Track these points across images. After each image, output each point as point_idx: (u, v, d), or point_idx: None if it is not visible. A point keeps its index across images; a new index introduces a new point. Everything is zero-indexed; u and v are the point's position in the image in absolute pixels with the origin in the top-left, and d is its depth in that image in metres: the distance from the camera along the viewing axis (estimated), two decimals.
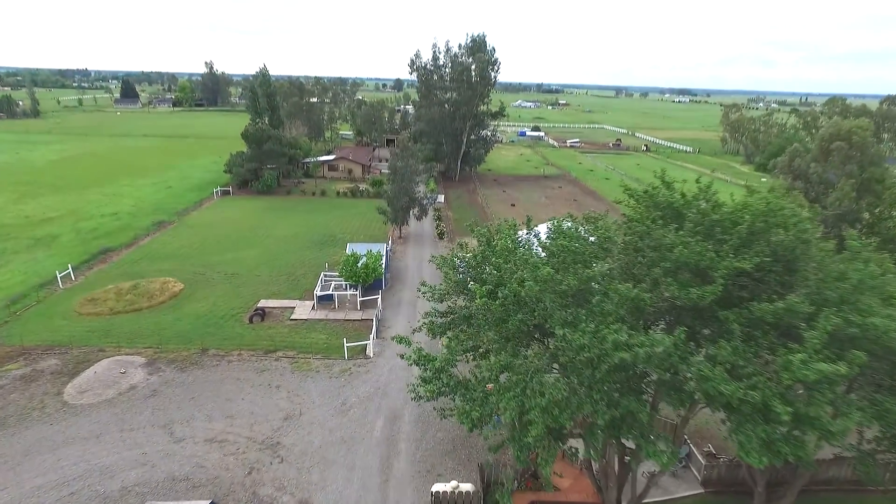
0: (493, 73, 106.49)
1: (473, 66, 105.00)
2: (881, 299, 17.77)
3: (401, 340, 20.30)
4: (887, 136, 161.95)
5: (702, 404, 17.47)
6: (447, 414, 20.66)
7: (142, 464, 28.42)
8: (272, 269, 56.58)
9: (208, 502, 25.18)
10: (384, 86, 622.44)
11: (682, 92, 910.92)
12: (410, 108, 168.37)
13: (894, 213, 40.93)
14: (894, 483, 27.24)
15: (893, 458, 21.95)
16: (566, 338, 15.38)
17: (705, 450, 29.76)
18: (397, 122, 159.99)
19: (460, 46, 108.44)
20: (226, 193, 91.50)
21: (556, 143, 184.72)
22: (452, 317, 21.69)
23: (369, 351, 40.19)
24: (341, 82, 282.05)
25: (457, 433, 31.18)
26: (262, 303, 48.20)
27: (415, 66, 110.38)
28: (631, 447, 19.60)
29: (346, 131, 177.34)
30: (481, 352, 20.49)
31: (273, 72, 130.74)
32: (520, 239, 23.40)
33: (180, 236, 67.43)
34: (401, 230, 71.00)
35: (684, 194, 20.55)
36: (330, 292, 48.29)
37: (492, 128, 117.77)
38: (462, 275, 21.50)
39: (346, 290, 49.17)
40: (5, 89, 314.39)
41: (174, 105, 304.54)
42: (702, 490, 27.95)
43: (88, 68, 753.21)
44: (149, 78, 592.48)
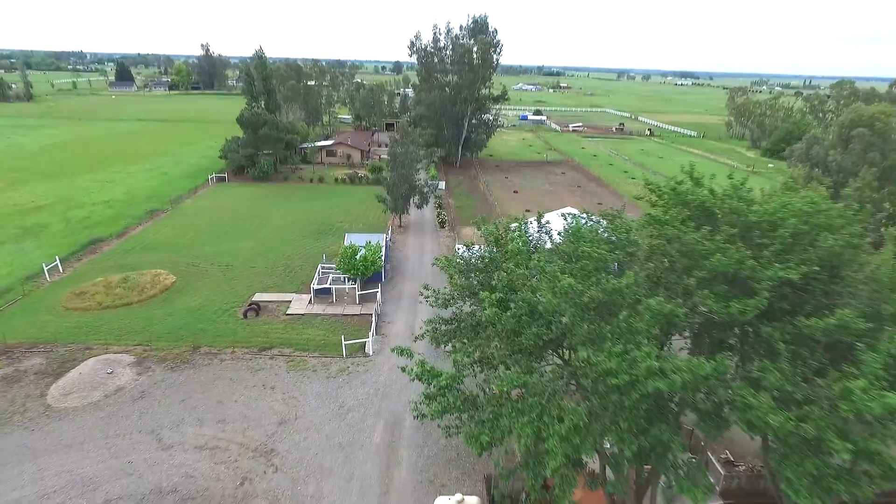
0: (495, 56, 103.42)
1: (475, 49, 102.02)
2: None
3: (402, 352, 18.49)
4: None
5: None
6: (452, 432, 18.92)
7: (128, 474, 26.82)
8: (268, 260, 54.71)
9: None
10: (383, 68, 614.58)
11: (685, 75, 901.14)
12: (410, 91, 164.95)
13: None
14: None
15: None
16: (590, 360, 13.54)
17: (722, 457, 28.19)
18: (397, 105, 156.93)
19: (461, 28, 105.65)
20: (221, 180, 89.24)
21: (558, 128, 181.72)
22: (458, 324, 19.81)
23: (368, 349, 38.49)
24: (340, 65, 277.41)
25: (461, 440, 29.48)
26: (257, 296, 46.41)
27: (415, 49, 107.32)
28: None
29: (345, 115, 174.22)
30: (492, 364, 18.69)
31: (270, 54, 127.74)
32: (531, 238, 21.46)
33: (174, 225, 65.42)
34: (401, 219, 68.98)
35: (713, 191, 18.53)
36: (328, 286, 46.47)
37: (494, 112, 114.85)
38: (468, 279, 19.52)
39: (344, 283, 47.35)
40: None
41: (170, 88, 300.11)
42: (720, 502, 26.40)
43: (84, 50, 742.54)
44: (145, 60, 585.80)
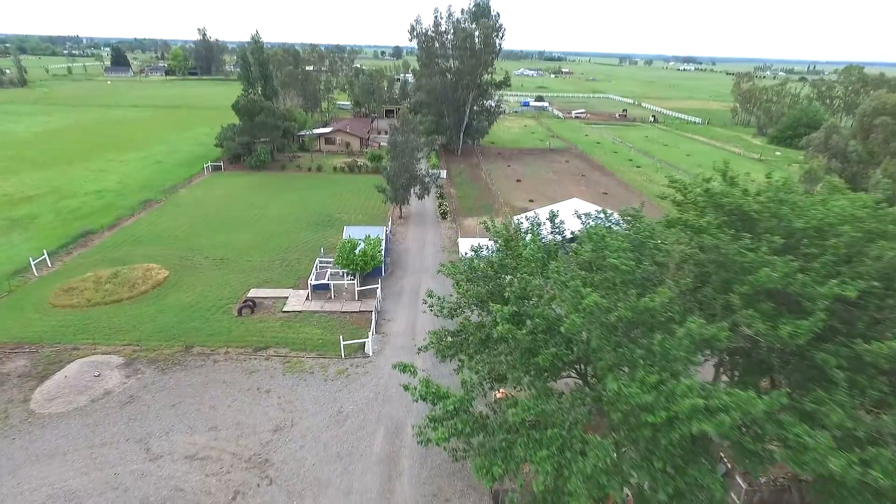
0: (497, 40, 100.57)
1: (477, 33, 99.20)
2: None
3: (404, 369, 16.78)
4: None
5: None
6: (460, 456, 17.29)
7: (113, 487, 25.31)
8: (264, 254, 52.93)
9: None
10: (383, 53, 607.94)
11: (687, 60, 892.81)
12: (410, 76, 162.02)
13: None
14: None
15: None
16: (621, 392, 11.84)
17: (742, 469, 26.66)
18: (397, 91, 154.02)
19: (463, 12, 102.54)
20: (217, 169, 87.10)
21: (560, 114, 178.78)
22: (465, 336, 18.08)
23: (368, 349, 36.87)
24: (338, 50, 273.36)
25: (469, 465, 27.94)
26: (253, 292, 44.71)
27: (415, 33, 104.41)
28: None
29: (344, 101, 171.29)
30: (503, 379, 17.00)
31: (267, 39, 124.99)
32: (543, 239, 19.65)
33: (167, 217, 63.52)
34: (401, 209, 67.06)
35: (747, 191, 16.67)
36: (326, 281, 44.74)
37: (496, 98, 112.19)
38: (476, 287, 17.74)
39: (343, 278, 45.63)
40: None
41: (167, 74, 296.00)
42: None
43: (80, 35, 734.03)
44: (142, 45, 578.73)
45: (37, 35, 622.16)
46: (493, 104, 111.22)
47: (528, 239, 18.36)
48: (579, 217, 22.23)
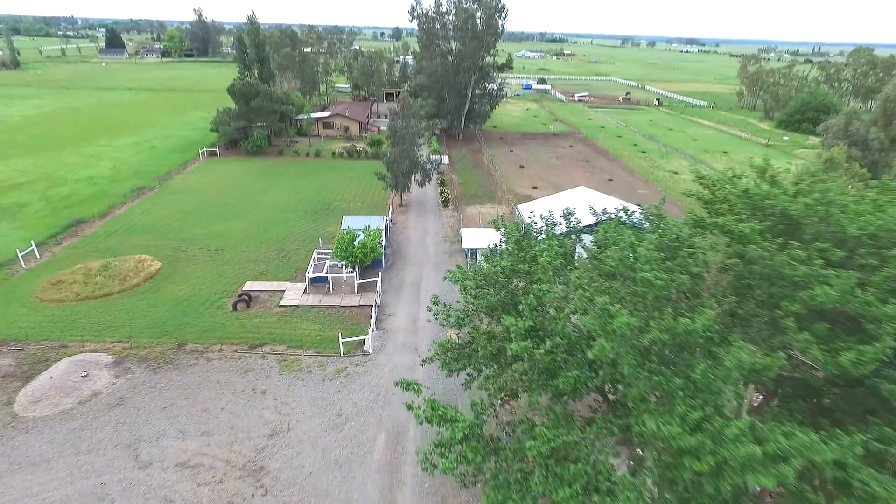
0: (500, 21, 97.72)
1: (479, 14, 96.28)
2: None
3: (407, 386, 15.27)
4: None
5: None
6: (469, 482, 15.81)
7: (99, 498, 23.98)
8: (260, 244, 51.24)
9: None
10: (382, 34, 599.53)
11: (690, 42, 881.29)
12: (410, 59, 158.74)
13: None
14: None
15: None
16: (660, 431, 10.29)
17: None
18: (396, 74, 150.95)
19: None
20: (212, 154, 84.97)
21: (563, 98, 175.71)
22: (475, 349, 16.50)
23: (368, 346, 35.39)
24: (337, 31, 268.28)
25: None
26: (248, 285, 43.15)
27: (415, 14, 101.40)
28: None
29: (343, 84, 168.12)
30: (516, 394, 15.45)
31: (263, 20, 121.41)
32: (559, 239, 17.97)
33: (161, 205, 61.68)
34: (402, 197, 65.21)
35: (787, 192, 14.94)
36: (324, 274, 43.15)
37: (499, 81, 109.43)
38: (487, 298, 16.11)
39: (341, 270, 44.04)
40: None
41: (162, 55, 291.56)
42: None
43: (75, 16, 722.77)
44: (137, 26, 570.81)
45: (31, 15, 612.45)
46: (495, 87, 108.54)
47: (542, 241, 16.62)
48: (595, 214, 20.55)
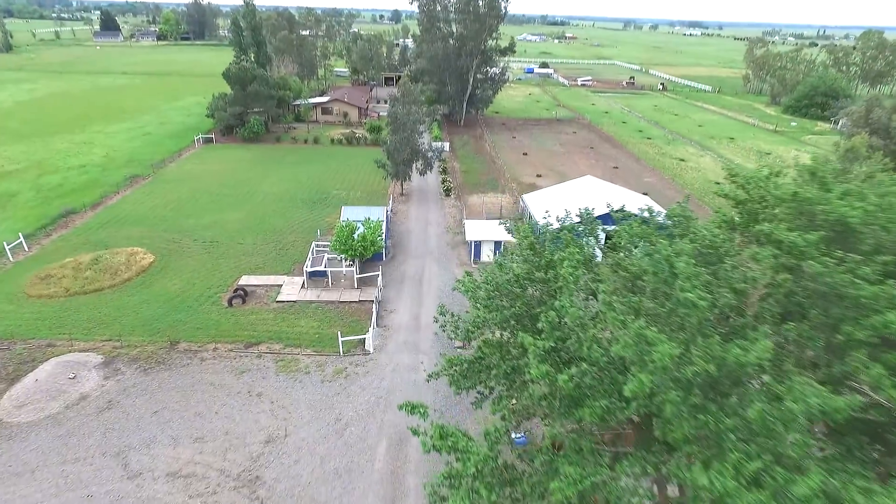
0: (502, 3, 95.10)
1: None
2: None
3: (412, 409, 13.76)
4: None
5: None
6: None
7: None
8: (257, 236, 49.62)
9: None
10: (381, 17, 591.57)
11: (693, 25, 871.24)
12: (410, 42, 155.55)
13: None
14: None
15: None
16: (713, 486, 8.83)
17: None
18: (396, 58, 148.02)
19: None
20: (208, 141, 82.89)
21: (566, 82, 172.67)
22: (486, 367, 15.00)
23: (368, 345, 33.96)
24: (335, 13, 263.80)
25: None
26: (244, 279, 41.63)
27: None
28: None
29: (341, 68, 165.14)
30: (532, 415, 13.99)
31: (260, 2, 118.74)
32: (581, 243, 16.39)
33: (155, 194, 59.91)
34: (402, 186, 63.41)
35: (846, 193, 13.29)
36: (322, 268, 41.60)
37: (501, 65, 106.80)
38: (501, 311, 14.57)
39: (341, 263, 42.50)
40: None
41: (158, 39, 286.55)
42: None
43: None
44: (133, 8, 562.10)
45: None
46: (497, 72, 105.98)
47: (559, 244, 14.98)
48: (614, 211, 18.93)
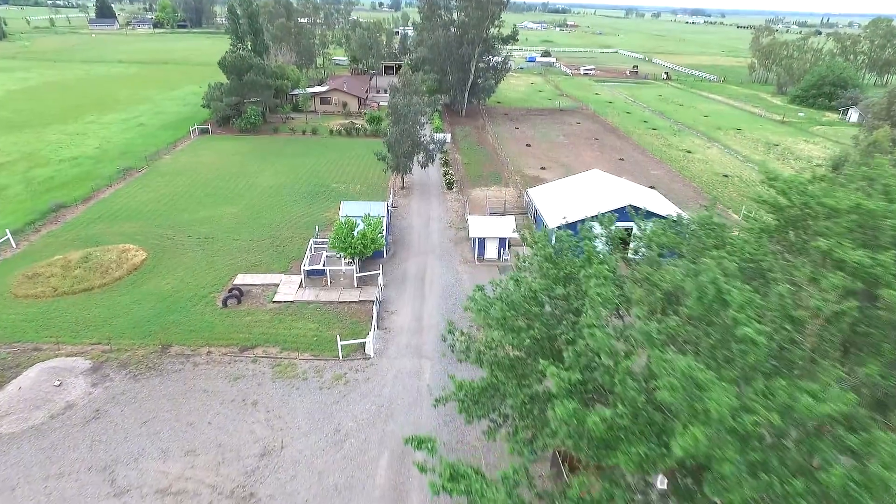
0: None
1: None
2: None
3: (419, 444, 12.28)
4: None
5: None
6: None
7: None
8: (253, 231, 48.01)
9: None
10: (381, 5, 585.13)
11: (695, 12, 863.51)
12: (411, 30, 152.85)
13: None
14: None
15: None
16: None
17: None
18: (396, 46, 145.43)
19: None
20: (204, 132, 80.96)
21: (568, 71, 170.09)
22: (502, 392, 13.49)
23: (369, 349, 32.49)
24: (334, 1, 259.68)
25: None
26: (240, 278, 40.10)
27: None
28: None
29: (340, 57, 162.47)
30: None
31: None
32: (605, 254, 14.83)
33: (148, 187, 58.19)
34: (403, 179, 61.68)
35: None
36: (321, 266, 40.06)
37: (504, 54, 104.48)
38: (518, 335, 13.02)
39: (340, 261, 40.97)
40: None
41: (155, 26, 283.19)
42: None
43: None
44: None
45: None
46: (499, 60, 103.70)
47: (579, 253, 13.33)
48: (635, 210, 17.35)
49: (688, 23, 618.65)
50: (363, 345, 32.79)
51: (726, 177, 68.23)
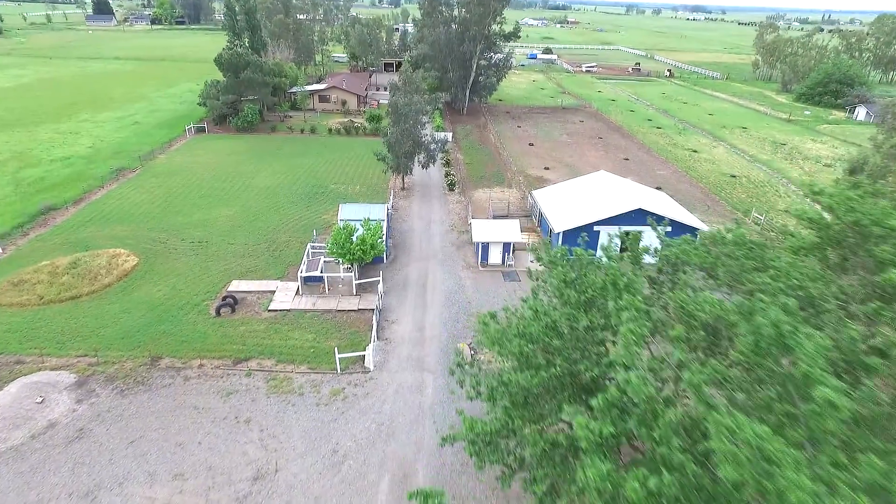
0: None
1: None
2: None
3: (426, 499, 10.76)
4: None
5: None
6: None
7: None
8: (249, 235, 46.46)
9: None
10: (380, 1, 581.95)
11: (696, 9, 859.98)
12: (410, 27, 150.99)
13: None
14: None
15: None
16: None
17: None
18: (396, 43, 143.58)
19: None
20: (200, 131, 79.28)
21: (570, 68, 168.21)
22: (518, 440, 11.97)
23: (368, 361, 30.99)
24: None
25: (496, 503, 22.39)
26: (234, 285, 38.58)
27: None
28: None
29: (339, 54, 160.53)
30: None
31: None
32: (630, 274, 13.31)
33: (142, 189, 56.57)
34: (403, 180, 60.10)
35: None
36: (318, 273, 38.52)
37: (506, 51, 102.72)
38: (537, 373, 11.52)
39: (338, 267, 39.45)
40: None
41: (152, 23, 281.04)
42: None
43: None
44: None
45: None
46: (501, 58, 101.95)
47: (623, 306, 11.61)
48: (657, 219, 15.85)
49: (688, 19, 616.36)
50: (362, 357, 31.30)
51: (734, 177, 66.66)
